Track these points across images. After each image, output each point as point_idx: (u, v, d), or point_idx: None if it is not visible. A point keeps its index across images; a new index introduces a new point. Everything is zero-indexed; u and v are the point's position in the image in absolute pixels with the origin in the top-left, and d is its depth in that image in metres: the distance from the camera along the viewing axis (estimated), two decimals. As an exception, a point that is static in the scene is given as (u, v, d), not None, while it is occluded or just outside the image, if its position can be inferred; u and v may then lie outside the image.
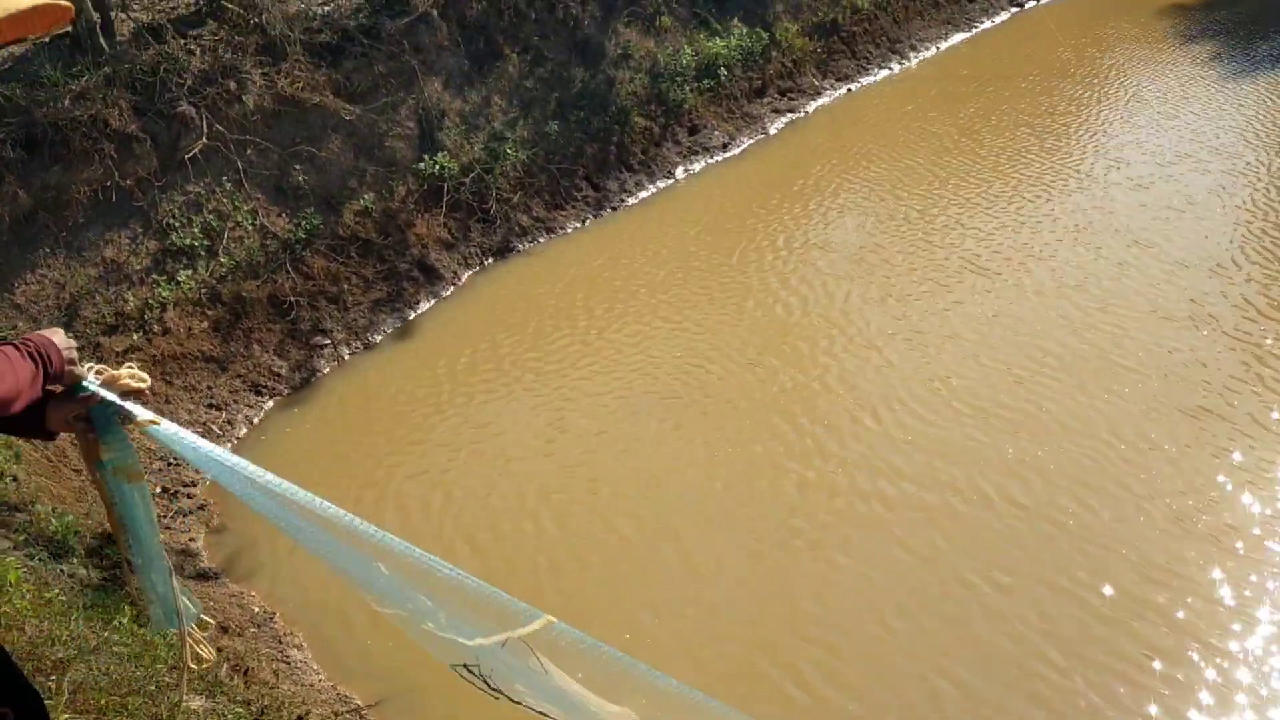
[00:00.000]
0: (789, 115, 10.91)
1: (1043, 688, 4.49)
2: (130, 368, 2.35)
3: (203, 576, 5.14)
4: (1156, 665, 4.57)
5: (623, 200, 9.35)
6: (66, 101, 6.89)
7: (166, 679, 3.72)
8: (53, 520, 4.83)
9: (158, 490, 5.77)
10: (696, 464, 5.99)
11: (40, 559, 4.44)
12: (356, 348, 7.34)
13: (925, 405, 6.33)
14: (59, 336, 2.07)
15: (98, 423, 2.27)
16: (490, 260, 8.41)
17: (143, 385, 2.32)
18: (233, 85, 7.61)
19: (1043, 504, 5.48)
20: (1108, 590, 4.93)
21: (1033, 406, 6.25)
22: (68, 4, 2.08)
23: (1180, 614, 4.81)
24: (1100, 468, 5.72)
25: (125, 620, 4.10)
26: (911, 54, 12.44)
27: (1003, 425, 6.11)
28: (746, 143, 10.40)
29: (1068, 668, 4.56)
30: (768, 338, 7.20)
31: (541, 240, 8.72)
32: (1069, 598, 4.91)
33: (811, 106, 11.15)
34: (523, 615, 2.22)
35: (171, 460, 6.11)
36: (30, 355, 1.98)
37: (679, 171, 9.82)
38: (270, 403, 6.80)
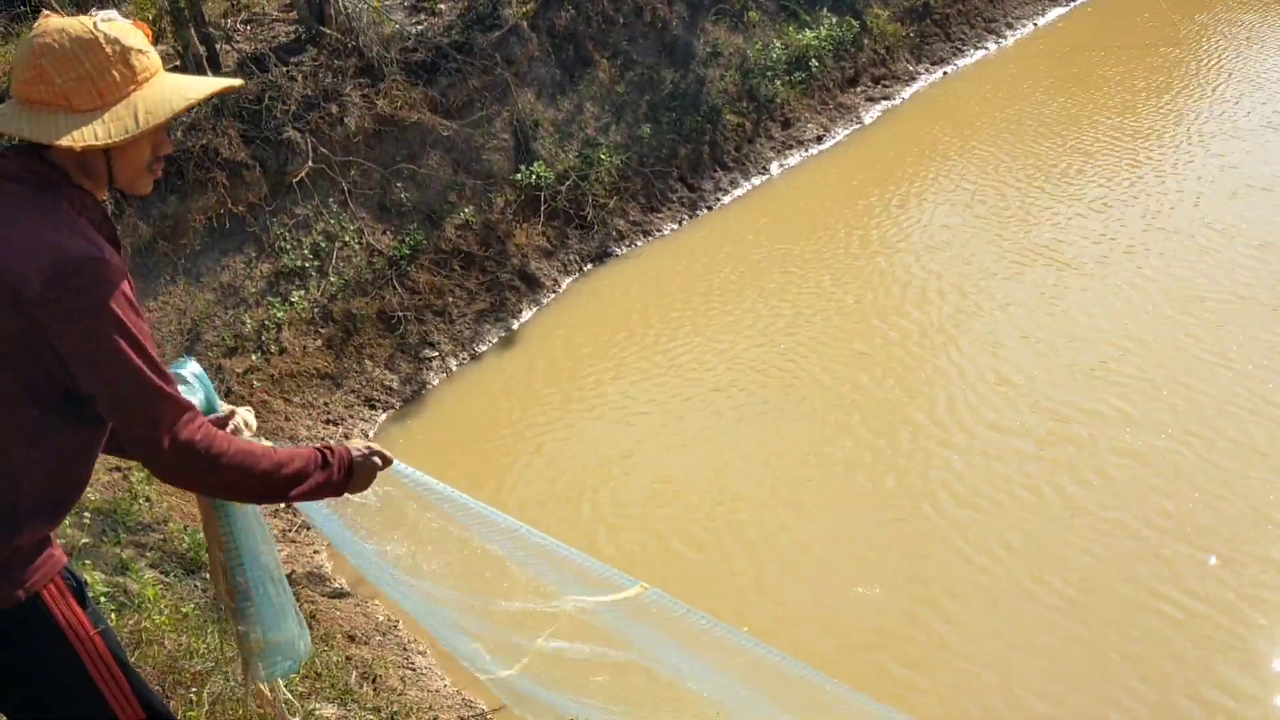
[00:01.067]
0: (884, 103, 10.74)
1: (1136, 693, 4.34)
2: (247, 410, 2.48)
3: (335, 593, 5.27)
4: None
5: (718, 199, 9.32)
6: (179, 134, 7.15)
7: (300, 688, 3.84)
8: (185, 537, 5.02)
9: (280, 505, 5.95)
10: (769, 470, 5.96)
11: (175, 575, 4.62)
12: (463, 359, 7.47)
13: (999, 404, 6.20)
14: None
15: None
16: (589, 266, 8.47)
17: (248, 432, 2.45)
18: (334, 108, 7.82)
19: (1123, 508, 5.31)
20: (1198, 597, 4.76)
21: (1116, 403, 6.05)
22: (240, 80, 2.18)
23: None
24: (1184, 468, 5.51)
25: (258, 632, 4.23)
26: (1008, 32, 12.13)
27: (1078, 425, 5.93)
28: (841, 134, 10.27)
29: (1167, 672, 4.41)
30: (848, 334, 7.14)
31: (639, 244, 8.74)
32: (1147, 610, 4.74)
33: (907, 93, 10.95)
34: (617, 582, 2.36)
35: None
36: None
37: (774, 167, 9.75)
38: (383, 416, 6.97)
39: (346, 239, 7.59)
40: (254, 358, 6.87)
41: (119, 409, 1.89)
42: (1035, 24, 12.38)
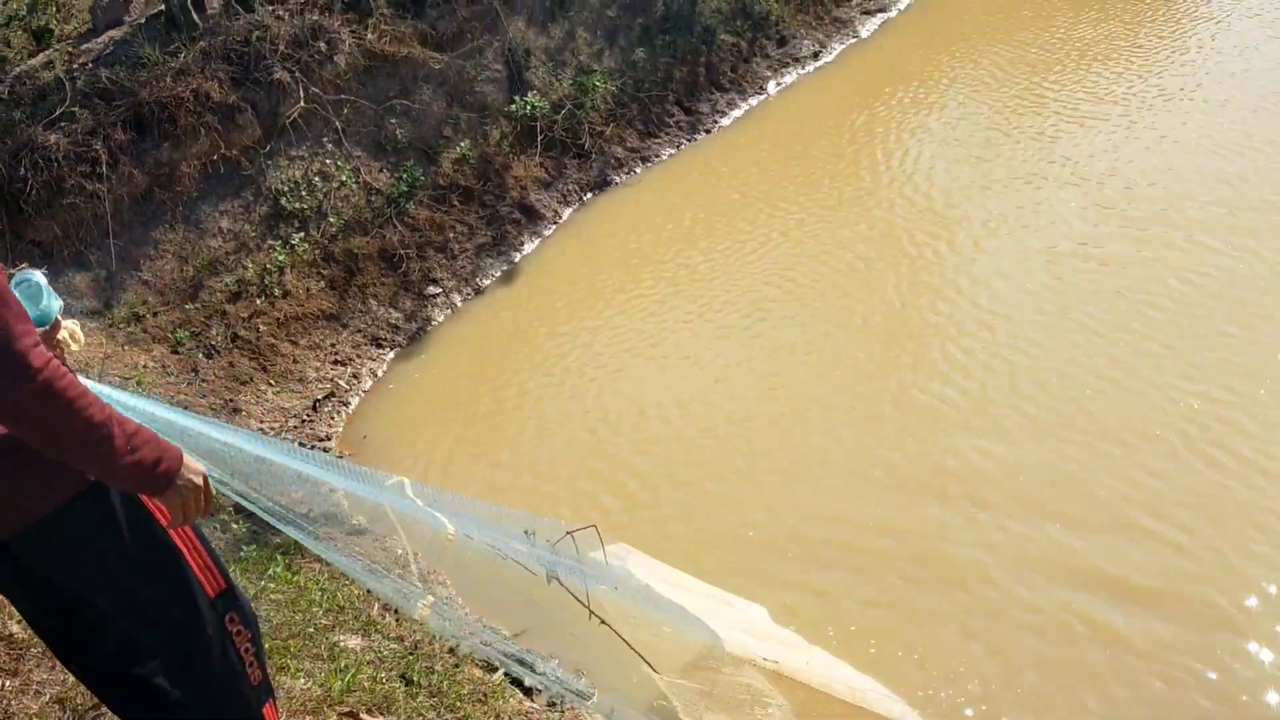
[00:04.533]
0: (880, 15, 10.57)
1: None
2: (74, 323, 2.45)
3: (354, 530, 5.30)
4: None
5: (715, 121, 9.22)
6: (168, 80, 7.08)
7: (323, 621, 3.90)
8: (202, 481, 5.06)
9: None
10: (774, 379, 5.96)
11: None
12: (467, 294, 7.46)
13: (1025, 320, 6.17)
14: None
15: None
16: (589, 195, 8.41)
17: (75, 345, 2.43)
18: (323, 46, 7.72)
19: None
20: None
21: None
22: None
23: None
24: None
25: (279, 569, 4.30)
26: (1005, -63, 11.88)
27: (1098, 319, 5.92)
28: (838, 49, 10.12)
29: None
30: (863, 252, 7.08)
31: (638, 170, 8.67)
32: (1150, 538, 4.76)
33: (903, 3, 10.76)
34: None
35: (305, 417, 6.33)
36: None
37: (770, 86, 9.63)
38: (391, 354, 6.98)
39: (344, 179, 7.53)
40: (259, 302, 6.87)
41: None
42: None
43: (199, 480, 2.02)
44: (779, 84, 9.66)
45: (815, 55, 9.98)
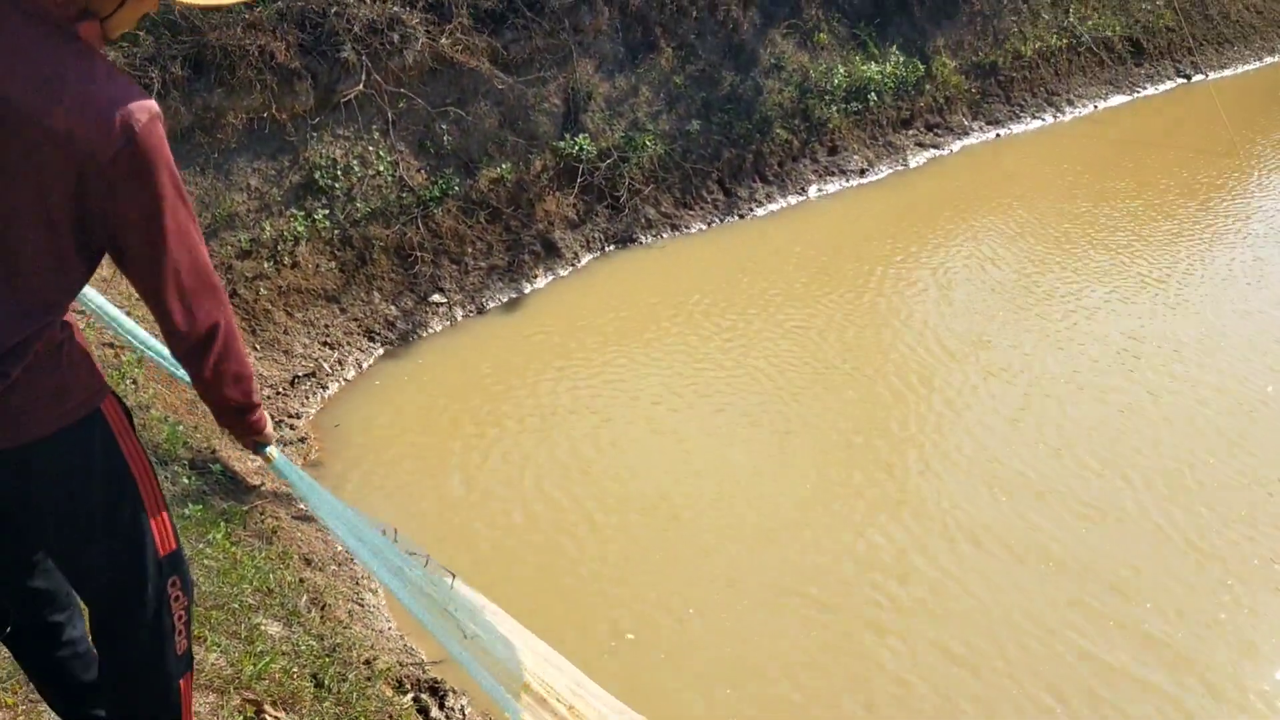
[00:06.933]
0: (933, 151, 10.74)
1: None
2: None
3: (300, 516, 5.24)
4: None
5: (751, 209, 9.32)
6: (238, 29, 7.11)
7: (250, 600, 3.84)
8: (163, 427, 5.01)
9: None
10: (750, 511, 5.94)
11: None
12: (470, 311, 7.46)
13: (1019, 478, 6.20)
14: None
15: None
16: (612, 247, 8.46)
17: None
18: (396, 38, 7.78)
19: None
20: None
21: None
22: None
23: None
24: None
25: (219, 536, 4.23)
26: (1067, 108, 12.14)
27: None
28: (885, 171, 10.27)
29: None
30: (867, 373, 7.12)
31: (665, 236, 8.74)
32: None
33: (957, 145, 10.96)
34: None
35: (281, 389, 6.28)
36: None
37: (812, 190, 9.75)
38: (381, 350, 6.95)
39: (381, 168, 7.56)
40: (266, 265, 6.85)
41: (162, 274, 1.92)
42: (1096, 106, 12.39)
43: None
44: (820, 190, 9.79)
45: (862, 172, 10.13)
